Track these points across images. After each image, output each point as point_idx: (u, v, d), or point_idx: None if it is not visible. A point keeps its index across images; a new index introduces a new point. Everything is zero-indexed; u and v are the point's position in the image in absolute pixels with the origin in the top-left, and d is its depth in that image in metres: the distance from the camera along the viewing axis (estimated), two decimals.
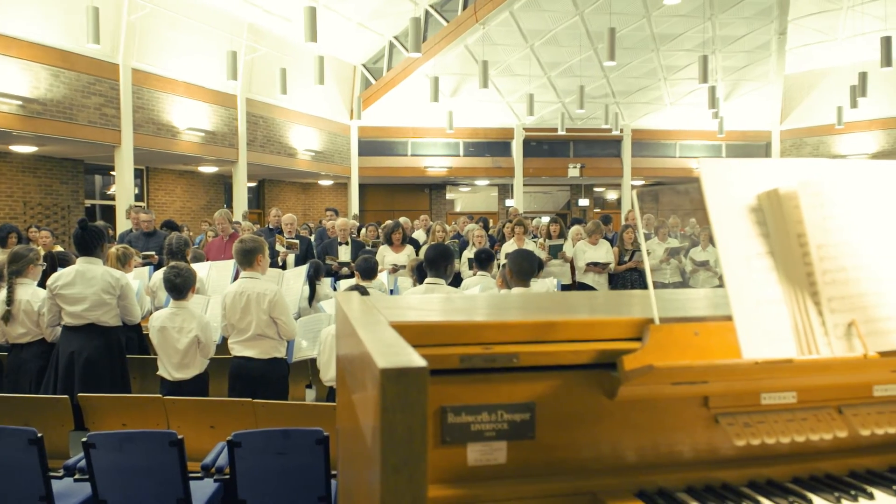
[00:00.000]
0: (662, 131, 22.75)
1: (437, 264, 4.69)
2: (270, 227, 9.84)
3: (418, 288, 4.93)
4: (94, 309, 4.71)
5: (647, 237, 10.15)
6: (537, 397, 1.27)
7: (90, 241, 4.81)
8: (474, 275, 7.92)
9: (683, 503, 1.23)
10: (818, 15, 18.75)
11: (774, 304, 1.28)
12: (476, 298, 1.86)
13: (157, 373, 4.72)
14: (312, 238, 10.53)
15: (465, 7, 18.21)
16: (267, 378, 4.62)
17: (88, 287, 4.70)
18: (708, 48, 18.55)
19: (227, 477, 3.25)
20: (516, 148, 22.19)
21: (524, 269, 4.79)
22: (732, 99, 21.51)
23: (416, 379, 0.84)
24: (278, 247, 8.38)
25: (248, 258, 4.75)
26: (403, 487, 0.84)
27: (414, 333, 1.26)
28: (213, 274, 6.70)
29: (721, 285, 1.31)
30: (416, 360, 0.88)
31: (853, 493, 1.25)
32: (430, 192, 23.81)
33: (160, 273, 5.76)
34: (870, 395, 1.41)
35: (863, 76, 16.82)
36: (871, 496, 1.25)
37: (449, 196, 24.44)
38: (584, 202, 24.73)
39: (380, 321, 1.24)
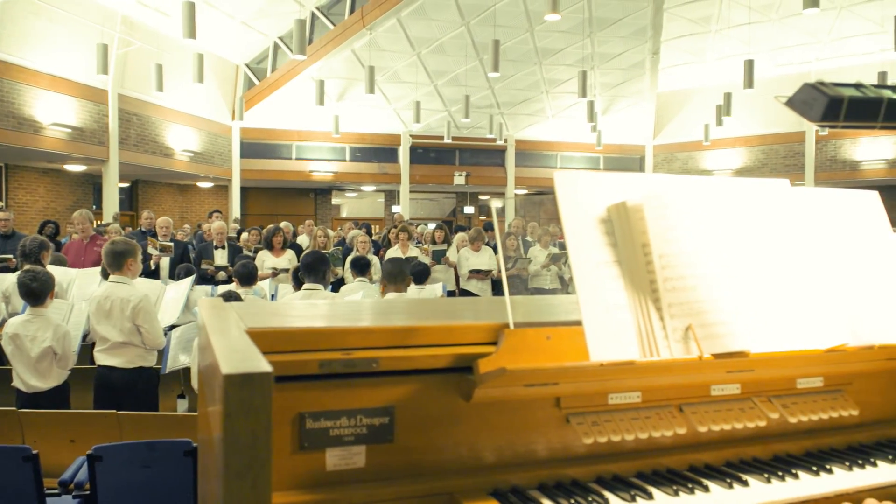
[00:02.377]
0: (545, 142, 23.48)
1: (314, 270, 4.64)
2: (143, 229, 9.39)
3: (296, 294, 4.87)
4: None
5: (528, 245, 10.45)
6: (397, 401, 1.29)
7: None
8: (354, 280, 7.90)
9: (535, 500, 1.28)
10: (688, 37, 19.97)
11: (620, 310, 1.36)
12: (343, 305, 1.86)
13: (12, 384, 4.40)
14: (191, 241, 10.14)
15: (352, 11, 18.14)
16: (133, 388, 4.41)
17: None
18: (587, 64, 19.33)
19: (88, 493, 3.08)
20: (403, 154, 22.28)
21: (395, 274, 4.83)
22: (610, 113, 22.51)
23: (260, 384, 0.84)
24: (150, 250, 8.02)
25: (117, 261, 4.51)
26: (247, 493, 0.83)
27: (273, 340, 1.25)
28: (80, 280, 6.32)
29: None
30: (261, 365, 0.88)
31: (690, 486, 1.35)
32: (315, 196, 23.48)
33: (13, 277, 5.37)
34: (708, 395, 1.53)
35: (727, 96, 18.04)
36: (706, 489, 1.35)
37: (335, 201, 24.20)
38: (469, 210, 25.14)
39: (235, 328, 1.22)
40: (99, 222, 12.41)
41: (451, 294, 9.28)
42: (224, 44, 18.20)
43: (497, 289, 9.60)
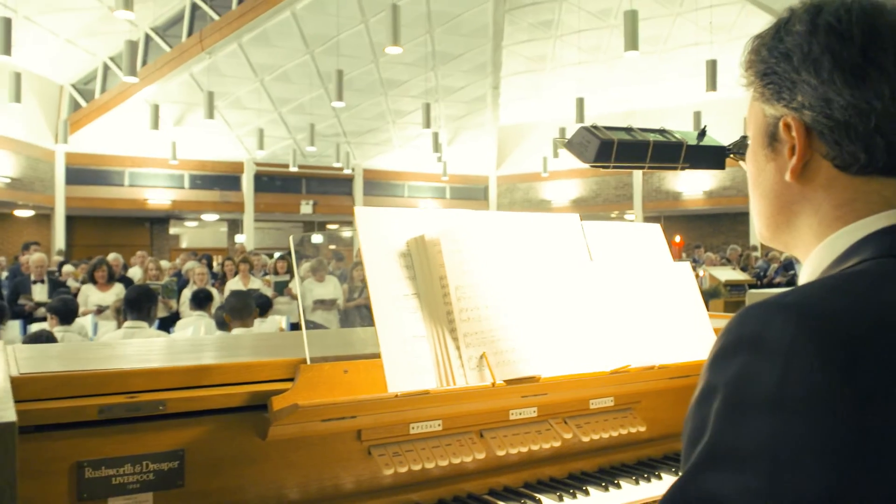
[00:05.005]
0: (392, 172, 23.74)
1: (138, 306, 4.39)
2: None
3: (117, 332, 4.57)
4: None
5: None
6: (187, 444, 1.25)
7: None
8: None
9: None
10: (526, 74, 21.01)
11: (418, 341, 1.40)
12: (138, 345, 1.78)
13: None
14: (3, 275, 9.28)
15: (190, 34, 17.51)
16: None
17: None
18: (431, 96, 19.83)
19: None
20: (247, 182, 21.68)
21: (241, 308, 4.71)
22: (455, 145, 23.16)
23: (1, 437, 0.78)
24: None
25: None
26: None
27: (48, 385, 1.18)
28: None
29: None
30: (4, 415, 0.82)
31: None
32: (151, 226, 22.26)
33: None
34: (507, 419, 1.60)
35: (562, 131, 19.13)
36: None
37: (173, 231, 23.06)
38: (317, 239, 24.83)
39: (1, 374, 1.13)
40: None
41: (294, 327, 9.09)
42: (46, 62, 16.95)
43: (345, 320, 9.52)
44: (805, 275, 0.83)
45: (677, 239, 17.74)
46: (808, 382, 0.63)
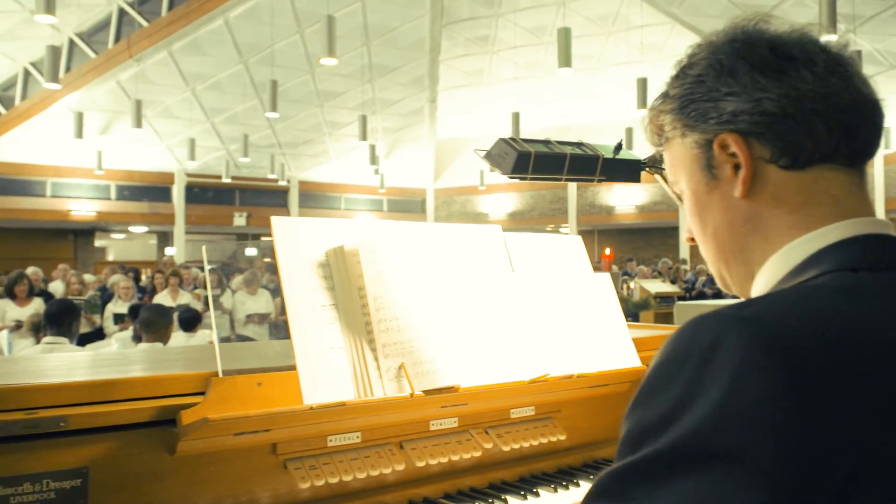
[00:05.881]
0: (329, 184, 23.55)
1: (58, 321, 4.22)
2: None
3: (35, 348, 4.38)
4: None
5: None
6: (91, 461, 1.20)
7: None
8: (121, 330, 7.33)
9: None
10: (463, 88, 21.20)
11: (336, 352, 1.39)
12: (38, 360, 1.71)
13: None
14: None
15: (117, 40, 17.03)
16: None
17: None
18: (368, 108, 19.79)
19: None
20: (177, 193, 21.16)
21: (152, 322, 4.56)
22: (392, 157, 23.15)
23: None
24: None
25: None
26: None
27: None
28: None
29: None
30: None
31: None
32: (75, 238, 21.45)
33: None
34: (427, 430, 1.59)
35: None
36: None
37: (99, 243, 22.30)
38: (251, 251, 24.38)
39: None
40: None
41: (225, 340, 8.89)
42: None
43: (277, 332, 9.36)
44: (759, 285, 0.82)
45: (607, 252, 18.12)
46: (758, 398, 0.62)
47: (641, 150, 1.54)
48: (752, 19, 0.82)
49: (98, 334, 8.30)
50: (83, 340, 7.47)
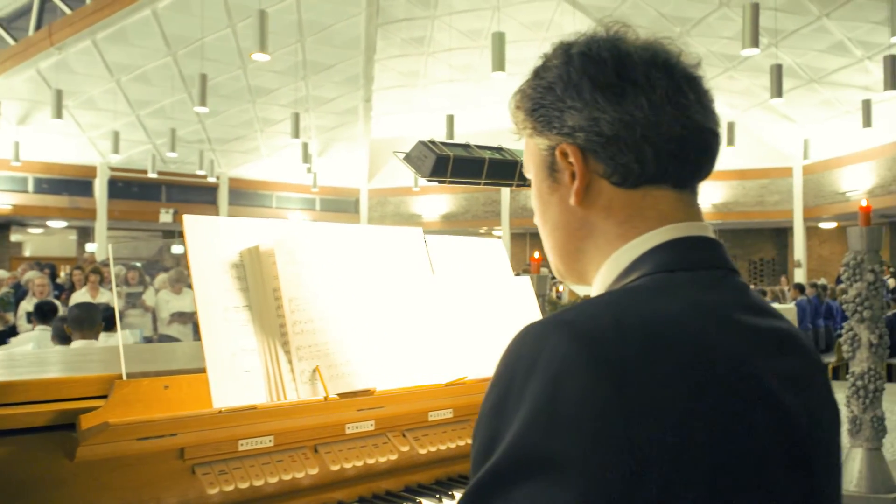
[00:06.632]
0: (260, 181, 23.12)
1: None
2: None
3: None
4: None
5: None
6: None
7: None
8: (34, 329, 7.02)
9: None
10: (398, 88, 21.13)
11: (249, 355, 1.36)
12: None
13: None
14: None
15: (38, 27, 16.32)
16: None
17: None
18: (301, 106, 19.51)
19: None
20: (100, 188, 20.40)
21: (84, 320, 4.47)
22: (325, 156, 22.88)
23: None
24: None
25: None
26: None
27: None
28: None
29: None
30: None
31: None
32: None
33: None
34: (343, 434, 1.58)
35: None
36: None
37: (15, 238, 21.30)
38: (178, 249, 23.71)
39: None
40: None
41: (148, 340, 8.63)
42: None
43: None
44: (594, 291, 0.86)
45: (536, 255, 18.41)
46: (578, 399, 0.65)
47: None
48: (612, 25, 0.86)
49: (11, 333, 7.96)
50: None
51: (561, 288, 11.39)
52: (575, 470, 0.63)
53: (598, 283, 0.85)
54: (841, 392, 4.84)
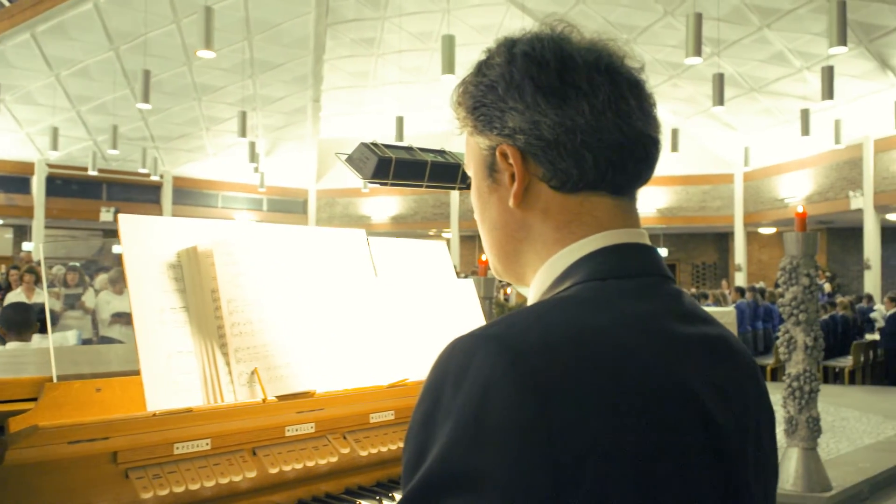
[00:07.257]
0: (205, 181, 22.70)
1: None
2: None
3: None
4: None
5: None
6: None
7: None
8: None
9: None
10: (348, 89, 21.00)
11: (185, 356, 1.35)
12: None
13: None
14: None
15: None
16: None
17: None
18: (248, 105, 19.23)
19: None
20: (37, 185, 19.74)
21: (19, 322, 4.37)
22: (273, 156, 22.59)
23: None
24: None
25: None
26: None
27: None
28: None
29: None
30: None
31: None
32: None
33: None
34: (283, 436, 1.56)
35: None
36: None
37: None
38: (119, 249, 23.10)
39: None
40: None
41: (87, 342, 8.38)
42: None
43: None
44: (530, 297, 0.85)
45: (483, 257, 18.53)
46: (502, 416, 0.64)
47: None
48: (557, 24, 0.85)
49: None
50: None
51: (509, 290, 11.49)
52: (498, 487, 0.63)
53: (533, 288, 0.85)
54: (778, 393, 5.01)
